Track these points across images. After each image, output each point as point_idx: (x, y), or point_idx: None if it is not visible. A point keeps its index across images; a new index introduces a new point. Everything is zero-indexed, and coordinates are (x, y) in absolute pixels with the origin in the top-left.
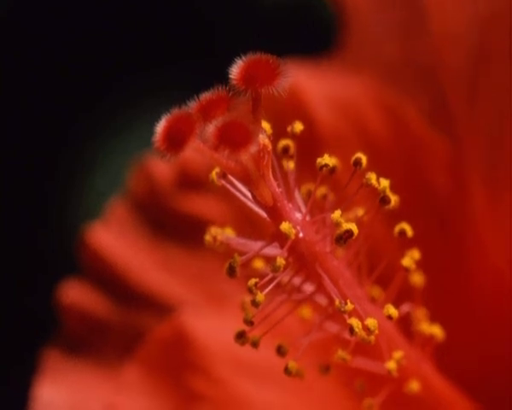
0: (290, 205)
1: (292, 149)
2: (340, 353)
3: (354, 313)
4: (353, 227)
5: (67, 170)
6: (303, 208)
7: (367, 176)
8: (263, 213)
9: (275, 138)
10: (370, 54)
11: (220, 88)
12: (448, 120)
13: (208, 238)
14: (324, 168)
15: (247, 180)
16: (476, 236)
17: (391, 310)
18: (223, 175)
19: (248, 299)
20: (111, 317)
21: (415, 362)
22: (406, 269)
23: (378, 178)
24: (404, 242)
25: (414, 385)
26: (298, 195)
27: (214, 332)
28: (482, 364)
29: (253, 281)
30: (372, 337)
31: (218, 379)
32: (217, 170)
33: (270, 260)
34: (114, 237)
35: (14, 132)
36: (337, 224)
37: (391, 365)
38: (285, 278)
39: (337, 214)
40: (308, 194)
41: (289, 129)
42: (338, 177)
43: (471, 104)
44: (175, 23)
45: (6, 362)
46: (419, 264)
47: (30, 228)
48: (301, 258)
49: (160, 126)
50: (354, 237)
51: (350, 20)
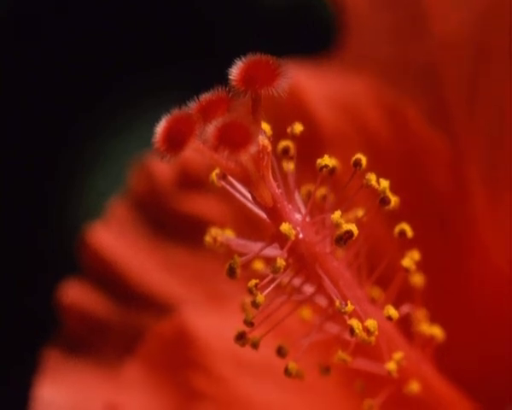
0: (290, 206)
1: (292, 150)
2: (341, 354)
3: (354, 314)
4: (353, 228)
5: (67, 170)
6: (303, 209)
7: (367, 177)
8: (263, 214)
9: (276, 139)
10: (370, 54)
11: (220, 89)
12: (448, 120)
13: (208, 239)
14: (324, 169)
15: (247, 181)
16: (476, 236)
17: (391, 311)
18: (223, 176)
19: (248, 300)
20: (111, 317)
21: (415, 363)
22: (406, 270)
23: (378, 178)
24: (404, 242)
25: (414, 386)
26: (298, 196)
27: (215, 330)
28: (482, 364)
29: (254, 282)
30: (372, 338)
31: (220, 378)
32: (217, 171)
33: (270, 261)
34: (115, 237)
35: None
36: (337, 225)
37: (391, 365)
38: (285, 279)
39: (337, 215)
40: (308, 195)
41: (289, 130)
42: (338, 177)
43: (471, 104)
44: (175, 23)
45: (6, 362)
46: (419, 264)
47: (30, 228)
48: (301, 259)
49: (160, 127)
50: (354, 238)
51: (349, 20)
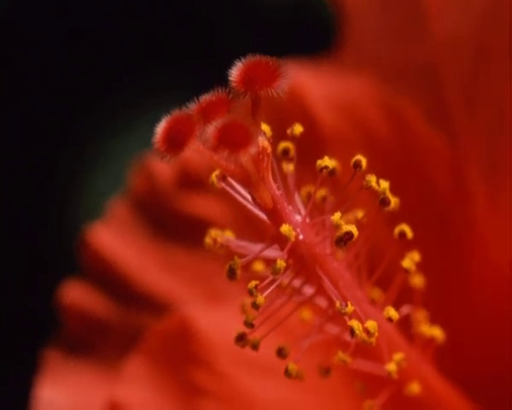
0: (290, 207)
1: (292, 151)
2: (341, 355)
3: (354, 315)
4: (353, 229)
5: (67, 170)
6: (303, 210)
7: (367, 178)
8: (263, 215)
9: (277, 140)
10: (370, 54)
11: (220, 89)
12: (448, 120)
13: (208, 241)
14: (324, 170)
15: (247, 182)
16: (476, 236)
17: (391, 312)
18: (222, 177)
19: (249, 301)
20: (111, 317)
21: (415, 364)
22: (406, 271)
23: (378, 179)
24: (404, 243)
25: (414, 387)
26: (298, 197)
27: (217, 327)
28: (482, 365)
29: (254, 283)
30: (373, 339)
31: (222, 374)
32: (217, 172)
33: (270, 262)
34: (115, 237)
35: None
36: (337, 226)
37: (391, 366)
38: (285, 280)
39: (337, 216)
40: (308, 196)
41: (289, 131)
42: (338, 178)
43: (471, 104)
44: (175, 23)
45: (6, 362)
46: (419, 265)
47: (30, 228)
48: (301, 260)
49: (160, 127)
50: (354, 239)
51: (349, 20)
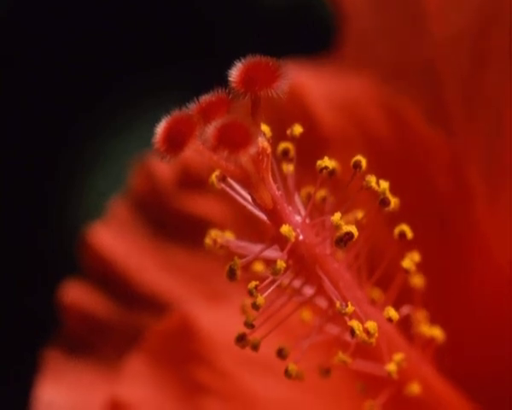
0: (290, 208)
1: (291, 152)
2: (341, 355)
3: (355, 316)
4: (353, 229)
5: (67, 170)
6: (303, 211)
7: (367, 178)
8: (263, 216)
9: (277, 140)
10: (369, 53)
11: (220, 90)
12: (447, 120)
13: (208, 241)
14: (324, 171)
15: (247, 183)
16: (477, 236)
17: (391, 312)
18: (222, 178)
19: (249, 302)
20: (111, 317)
21: (415, 364)
22: (406, 271)
23: (378, 179)
24: (404, 243)
25: (414, 387)
26: (298, 197)
27: (219, 326)
28: (482, 365)
29: (254, 284)
30: (373, 340)
31: (223, 372)
32: (217, 173)
33: (270, 262)
34: (115, 237)
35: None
36: (337, 226)
37: (391, 367)
38: (285, 281)
39: (337, 217)
40: (308, 196)
41: (289, 132)
42: (338, 179)
43: (470, 104)
44: (175, 23)
45: (6, 362)
46: (419, 265)
47: (30, 228)
48: (301, 260)
49: (160, 127)
50: (354, 240)
51: (348, 20)
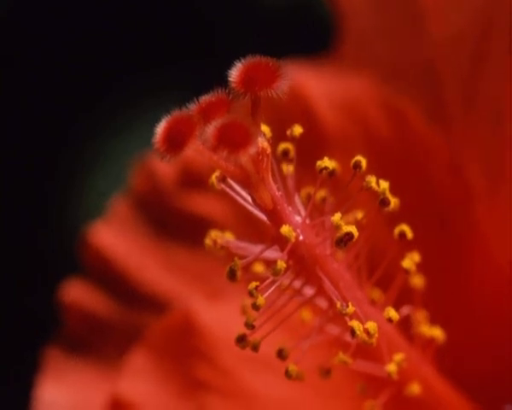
0: (290, 208)
1: (291, 153)
2: (341, 355)
3: (355, 316)
4: (353, 230)
5: (67, 170)
6: (303, 211)
7: (367, 179)
8: (263, 216)
9: (278, 140)
10: (369, 53)
11: (220, 90)
12: (447, 120)
13: (208, 242)
14: (324, 171)
15: (247, 183)
16: (477, 236)
17: (391, 313)
18: (222, 179)
19: (249, 302)
20: (112, 316)
21: (415, 364)
22: (406, 271)
23: (378, 180)
24: (404, 243)
25: (415, 387)
26: (298, 198)
27: (220, 322)
28: (482, 365)
29: (254, 284)
30: (373, 340)
31: (225, 369)
32: (217, 174)
33: (270, 263)
34: (116, 236)
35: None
36: (337, 226)
37: (391, 367)
38: (286, 281)
39: (337, 217)
40: (308, 197)
41: (289, 132)
42: (338, 179)
43: (469, 104)
44: (175, 23)
45: (6, 362)
46: (419, 266)
47: (30, 228)
48: (301, 261)
49: (160, 127)
50: (354, 240)
51: (348, 20)
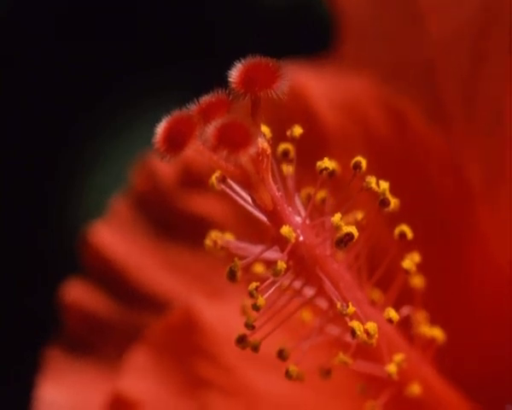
0: (290, 209)
1: (291, 153)
2: (342, 356)
3: (355, 316)
4: (353, 230)
5: (67, 170)
6: (303, 212)
7: (367, 179)
8: (263, 217)
9: (278, 140)
10: (369, 53)
11: (220, 91)
12: (447, 120)
13: (208, 243)
14: (324, 172)
15: (247, 184)
16: (477, 236)
17: (391, 313)
18: (222, 179)
19: (249, 303)
20: (112, 316)
21: (415, 365)
22: (406, 271)
23: (378, 180)
24: (405, 244)
25: (415, 388)
26: (298, 198)
27: (222, 320)
28: (482, 365)
29: (254, 285)
30: (373, 340)
31: (226, 367)
32: (217, 174)
33: (270, 263)
34: (116, 236)
35: (14, 132)
36: (337, 227)
37: (391, 368)
38: (286, 282)
39: (337, 218)
40: (308, 197)
41: (288, 133)
42: (338, 179)
43: (469, 103)
44: (175, 23)
45: (6, 362)
46: (419, 266)
47: (30, 228)
48: (302, 261)
49: (160, 127)
50: (354, 240)
51: (348, 20)
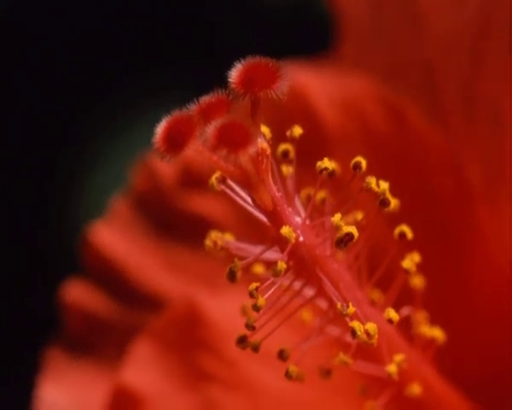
0: (290, 209)
1: (291, 153)
2: (342, 356)
3: (355, 317)
4: (353, 230)
5: (67, 170)
6: (303, 212)
7: (367, 180)
8: (263, 217)
9: (278, 140)
10: (369, 53)
11: (220, 90)
12: (446, 119)
13: (208, 243)
14: (324, 172)
15: (247, 184)
16: (477, 236)
17: (391, 313)
18: (222, 180)
19: (249, 303)
20: (112, 316)
21: (415, 365)
22: (406, 271)
23: (378, 180)
24: (404, 244)
25: (415, 388)
26: (298, 199)
27: (226, 314)
28: (482, 365)
29: (254, 285)
30: (373, 341)
31: (230, 361)
32: (217, 174)
33: (270, 264)
34: (116, 236)
35: (14, 132)
36: (337, 227)
37: (391, 368)
38: (286, 282)
39: (337, 218)
40: (308, 198)
41: (288, 133)
42: (338, 179)
43: (469, 103)
44: (175, 23)
45: (6, 362)
46: (419, 266)
47: (30, 228)
48: (302, 262)
49: (160, 127)
50: (354, 240)
51: (348, 20)
